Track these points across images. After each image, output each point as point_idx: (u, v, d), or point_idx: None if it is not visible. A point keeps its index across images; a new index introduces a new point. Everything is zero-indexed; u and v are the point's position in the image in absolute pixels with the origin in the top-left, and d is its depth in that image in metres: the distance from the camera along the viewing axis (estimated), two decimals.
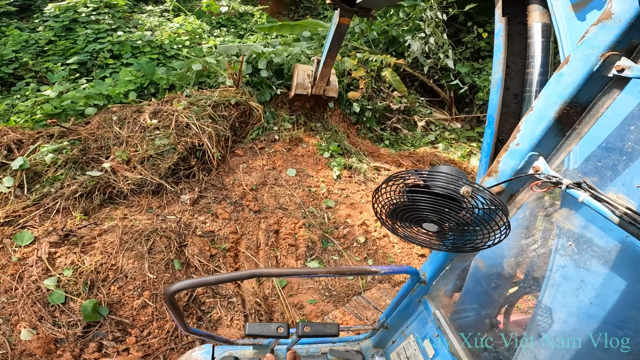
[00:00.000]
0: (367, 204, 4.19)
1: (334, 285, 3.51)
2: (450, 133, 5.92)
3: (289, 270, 1.08)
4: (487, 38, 6.12)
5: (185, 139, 3.83)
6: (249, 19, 9.92)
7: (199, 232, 3.59)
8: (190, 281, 0.99)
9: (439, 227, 0.99)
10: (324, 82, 4.53)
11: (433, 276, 1.33)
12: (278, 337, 1.19)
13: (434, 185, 0.93)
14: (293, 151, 4.71)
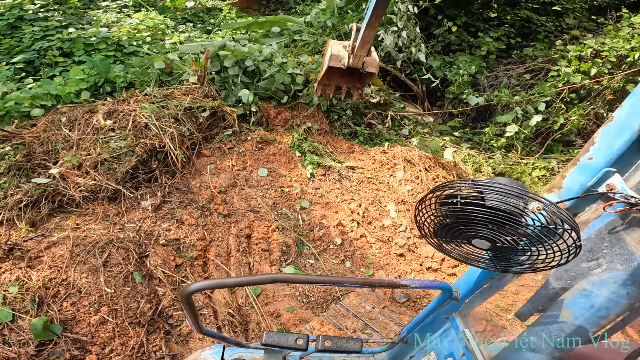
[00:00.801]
0: (343, 203, 4.00)
1: (312, 291, 3.32)
2: (423, 127, 5.82)
3: (313, 277, 1.02)
4: (457, 32, 6.07)
5: (145, 140, 3.52)
6: (217, 14, 9.57)
7: (162, 240, 3.31)
8: (208, 282, 0.99)
9: (492, 245, 0.91)
10: (364, 50, 3.75)
11: (467, 294, 1.27)
12: (296, 349, 1.14)
13: (491, 199, 0.85)
14: (264, 150, 4.47)
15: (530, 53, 5.80)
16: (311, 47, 6.53)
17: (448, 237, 0.97)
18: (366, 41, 3.64)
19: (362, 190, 4.16)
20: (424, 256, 3.63)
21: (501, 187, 0.84)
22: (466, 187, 0.89)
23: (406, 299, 3.27)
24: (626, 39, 4.96)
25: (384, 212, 3.95)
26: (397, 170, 4.21)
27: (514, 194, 0.83)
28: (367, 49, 3.77)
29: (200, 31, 8.00)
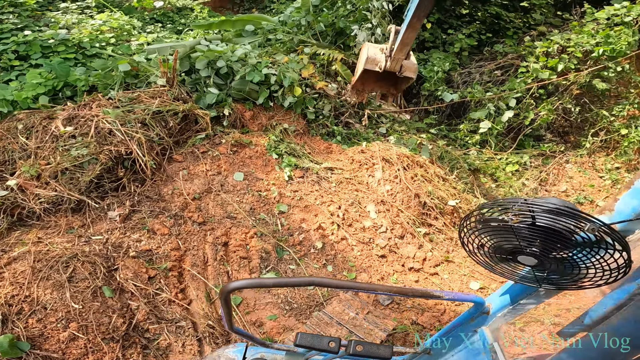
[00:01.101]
0: (322, 205, 3.91)
1: (294, 297, 3.23)
2: (400, 125, 5.81)
3: (349, 282, 1.03)
4: (431, 29, 6.09)
5: (109, 147, 3.32)
6: (188, 14, 9.28)
7: (132, 252, 3.14)
8: (248, 281, 0.99)
9: (538, 262, 0.94)
10: (403, 53, 3.55)
11: (500, 308, 1.27)
12: (328, 351, 1.15)
13: (542, 218, 0.88)
14: (240, 153, 4.32)
15: (500, 49, 5.89)
16: (286, 46, 6.42)
17: (492, 253, 1.00)
18: (406, 43, 3.46)
19: (342, 192, 4.09)
20: (406, 256, 3.60)
21: (554, 207, 0.87)
22: (518, 205, 0.91)
23: (390, 301, 3.22)
24: (591, 34, 5.10)
25: (364, 213, 3.89)
26: (375, 170, 4.16)
27: (567, 214, 0.85)
28: (406, 52, 3.58)
29: (170, 31, 7.72)
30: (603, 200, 4.93)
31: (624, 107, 5.19)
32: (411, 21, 3.21)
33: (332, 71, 6.01)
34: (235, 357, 1.46)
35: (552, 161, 5.31)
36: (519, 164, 5.18)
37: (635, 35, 4.84)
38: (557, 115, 5.38)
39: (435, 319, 3.07)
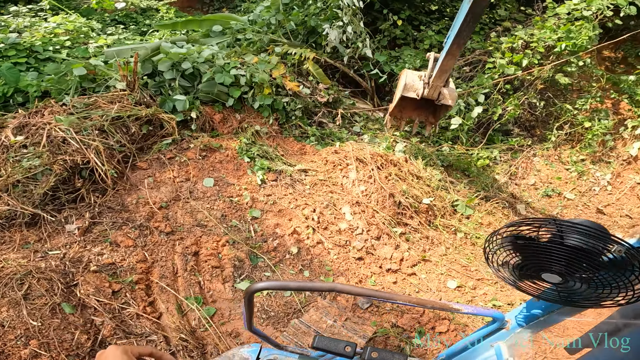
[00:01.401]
0: (296, 209, 3.82)
1: (271, 305, 3.12)
2: (374, 123, 5.79)
3: (370, 290, 1.05)
4: (402, 26, 6.10)
5: (64, 157, 3.10)
6: (154, 15, 8.95)
7: (93, 266, 2.96)
8: (271, 283, 1.03)
9: (562, 279, 0.97)
10: (441, 80, 3.41)
11: (520, 325, 1.27)
12: (343, 355, 1.18)
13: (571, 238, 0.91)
14: (209, 158, 4.16)
15: (468, 46, 5.96)
16: (256, 46, 6.27)
17: (516, 270, 1.03)
18: (444, 70, 3.36)
19: (316, 194, 4.01)
20: (383, 258, 3.56)
21: (583, 228, 0.89)
22: (547, 225, 0.93)
23: (369, 305, 3.17)
24: (552, 29, 5.23)
25: (339, 215, 3.82)
26: (349, 171, 4.10)
27: (596, 235, 0.88)
28: (445, 79, 3.48)
29: (133, 33, 7.39)
30: (570, 192, 5.07)
31: (587, 100, 5.37)
32: (451, 48, 3.12)
33: (304, 70, 5.92)
34: (249, 357, 1.47)
35: (521, 155, 5.42)
36: (490, 158, 5.26)
37: (595, 29, 4.99)
38: (523, 110, 5.50)
39: (414, 321, 3.04)
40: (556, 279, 0.97)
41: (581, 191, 5.09)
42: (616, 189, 5.03)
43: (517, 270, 1.04)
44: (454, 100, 3.59)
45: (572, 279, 0.95)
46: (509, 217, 4.51)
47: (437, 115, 4.02)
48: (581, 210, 4.90)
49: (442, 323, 3.01)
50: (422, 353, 2.84)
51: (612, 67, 5.67)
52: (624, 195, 4.96)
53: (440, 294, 3.37)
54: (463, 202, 4.37)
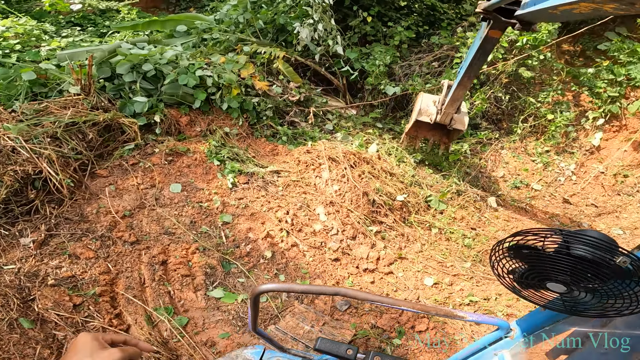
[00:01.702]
0: (269, 211, 3.71)
1: (246, 312, 3.01)
2: (347, 121, 5.76)
3: (374, 296, 1.06)
4: (372, 22, 6.09)
5: (14, 167, 2.86)
6: (114, 16, 8.55)
7: (50, 280, 2.79)
8: (277, 285, 1.04)
9: (567, 289, 0.98)
10: (453, 108, 3.76)
11: (525, 334, 1.27)
12: (345, 358, 1.19)
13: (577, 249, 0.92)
14: (176, 162, 3.98)
15: (436, 41, 6.03)
16: (224, 46, 6.09)
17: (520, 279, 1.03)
18: (456, 99, 3.64)
19: (289, 195, 3.92)
20: (359, 258, 3.51)
21: (589, 239, 0.90)
22: (553, 235, 0.94)
23: (347, 306, 3.11)
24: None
25: (313, 216, 3.75)
26: (322, 171, 4.03)
27: (603, 247, 0.88)
28: (457, 106, 3.77)
29: (91, 35, 7.02)
30: (537, 183, 5.22)
31: (549, 93, 5.54)
32: (462, 80, 3.35)
33: (274, 70, 5.80)
34: (252, 358, 1.48)
35: (489, 148, 5.53)
36: (460, 152, 5.34)
37: (555, 23, 5.15)
38: (489, 103, 5.62)
39: (394, 321, 3.01)
40: (561, 289, 0.98)
41: (547, 182, 5.24)
42: (580, 179, 5.22)
43: (521, 279, 1.05)
44: (464, 125, 3.92)
45: (577, 288, 0.96)
46: (480, 210, 4.58)
47: (450, 137, 4.39)
48: (548, 200, 5.04)
49: (421, 322, 3.00)
50: (403, 353, 2.81)
51: (572, 61, 5.88)
52: (589, 185, 5.15)
53: (418, 292, 3.36)
54: (436, 197, 4.40)
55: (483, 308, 3.27)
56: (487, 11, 2.64)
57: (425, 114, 3.99)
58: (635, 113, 5.09)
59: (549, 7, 1.92)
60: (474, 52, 3.05)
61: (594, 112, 5.32)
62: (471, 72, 3.21)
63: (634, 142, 5.10)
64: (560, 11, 1.87)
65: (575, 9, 1.74)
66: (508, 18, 2.58)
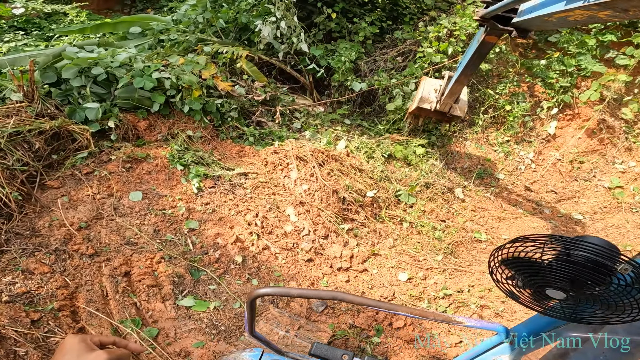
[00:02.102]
0: (238, 215, 3.59)
1: (220, 319, 2.91)
2: (314, 118, 5.71)
3: (372, 301, 1.08)
4: (337, 18, 6.07)
5: None
6: (61, 19, 8.05)
7: (4, 297, 2.57)
8: (273, 288, 1.04)
9: (566, 296, 0.98)
10: (452, 99, 4.07)
11: (524, 339, 1.27)
12: None
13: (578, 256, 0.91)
14: (135, 169, 3.77)
15: (400, 36, 6.09)
16: (183, 47, 5.87)
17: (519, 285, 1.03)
18: (454, 93, 3.95)
19: (258, 198, 3.81)
20: (333, 257, 3.47)
21: (590, 246, 0.89)
22: (553, 242, 0.93)
23: (324, 307, 3.06)
24: (471, 17, 5.51)
25: (284, 217, 3.66)
26: (290, 170, 3.96)
27: (604, 255, 0.87)
28: (455, 98, 4.09)
29: (36, 39, 6.56)
30: (500, 172, 5.39)
31: (505, 85, 5.74)
32: (459, 77, 3.59)
33: (237, 69, 5.66)
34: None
35: (454, 140, 5.67)
36: (428, 145, 5.43)
37: None
38: None
39: (371, 319, 2.99)
40: (560, 296, 0.97)
41: (509, 170, 5.43)
42: (539, 166, 5.45)
43: (521, 286, 1.05)
44: (463, 111, 4.26)
45: (577, 295, 0.95)
46: (448, 202, 4.67)
47: (449, 121, 4.74)
48: (511, 189, 5.23)
49: (398, 319, 2.99)
50: (383, 351, 2.79)
51: (525, 53, 6.12)
52: (547, 172, 5.38)
53: (393, 288, 3.36)
54: (405, 191, 4.44)
55: (457, 301, 3.32)
56: (485, 18, 2.69)
57: (426, 102, 4.29)
58: (586, 102, 5.38)
59: (545, 14, 1.95)
60: (471, 55, 3.18)
61: (548, 102, 5.57)
62: (467, 71, 3.41)
63: (587, 130, 5.39)
64: (555, 19, 1.91)
65: (570, 17, 1.77)
66: (505, 25, 2.62)
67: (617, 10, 1.45)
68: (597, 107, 5.33)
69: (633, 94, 5.37)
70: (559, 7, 1.79)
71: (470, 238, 4.22)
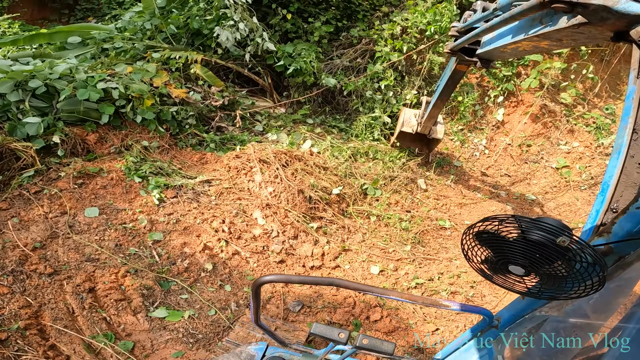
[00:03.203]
0: (204, 223, 3.50)
1: (197, 327, 2.87)
2: (276, 120, 5.68)
3: (365, 286, 1.14)
4: (292, 19, 6.07)
5: None
6: None
7: None
8: (277, 276, 1.11)
9: (525, 272, 1.04)
10: (431, 122, 4.39)
11: (508, 322, 1.34)
12: (337, 342, 1.25)
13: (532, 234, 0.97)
14: (89, 185, 3.57)
15: (355, 34, 6.18)
16: (129, 55, 5.62)
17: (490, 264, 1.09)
18: (432, 117, 4.26)
19: (223, 204, 3.73)
20: (304, 256, 3.47)
21: (543, 225, 0.95)
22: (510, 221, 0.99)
23: (300, 307, 3.05)
24: (422, 13, 5.71)
25: (251, 221, 3.61)
26: (254, 174, 3.91)
27: (554, 232, 0.93)
28: (433, 122, 4.45)
29: None
30: (457, 160, 5.64)
31: None
32: (436, 102, 3.91)
33: (192, 75, 5.50)
34: (255, 354, 1.55)
35: None
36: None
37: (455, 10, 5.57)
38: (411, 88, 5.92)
39: (348, 314, 3.02)
40: (520, 271, 1.04)
41: (466, 157, 5.70)
42: (492, 152, 5.77)
43: (490, 265, 1.11)
44: (442, 133, 4.73)
45: (534, 271, 1.02)
46: (412, 192, 4.82)
47: (430, 147, 5.14)
48: (469, 175, 5.49)
49: (374, 311, 3.05)
50: None
51: None
52: (500, 157, 5.71)
53: (367, 282, 3.41)
54: (370, 185, 4.53)
55: (429, 289, 3.43)
56: (453, 51, 2.95)
57: (407, 125, 4.71)
58: (527, 89, 5.76)
59: (500, 46, 2.23)
60: (445, 81, 3.53)
61: (494, 90, 5.91)
62: (443, 96, 3.78)
63: (531, 115, 5.77)
64: (509, 49, 2.19)
65: (520, 47, 2.03)
66: (471, 56, 2.91)
67: (553, 39, 1.64)
68: (538, 94, 5.73)
69: (570, 80, 5.82)
70: (508, 40, 2.07)
71: (435, 226, 4.37)
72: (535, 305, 1.27)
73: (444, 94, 3.71)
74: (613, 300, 1.22)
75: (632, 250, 1.07)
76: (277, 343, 1.45)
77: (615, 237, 1.06)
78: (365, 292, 1.17)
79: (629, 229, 1.03)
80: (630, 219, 1.03)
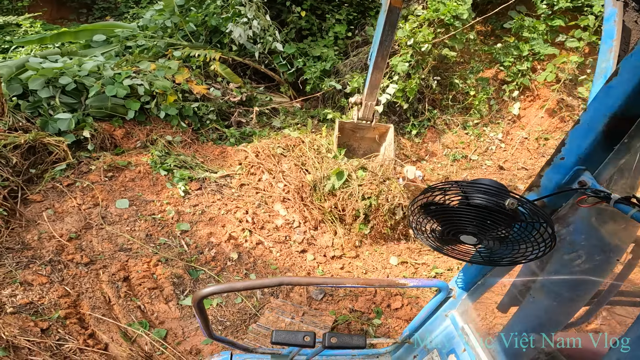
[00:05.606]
0: (228, 214, 3.62)
1: (225, 315, 2.98)
2: (293, 117, 5.77)
3: (318, 278, 1.11)
4: (306, 16, 6.14)
5: None
6: (14, 30, 7.71)
7: (9, 308, 2.56)
8: (218, 286, 1.03)
9: (477, 240, 0.99)
10: (373, 97, 3.57)
11: (463, 291, 1.33)
12: (303, 346, 1.18)
13: (474, 197, 0.92)
14: (118, 177, 3.71)
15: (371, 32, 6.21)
16: (152, 52, 5.77)
17: (440, 235, 1.04)
18: (374, 85, 3.49)
19: (245, 195, 3.85)
20: (325, 246, 3.56)
21: (483, 187, 0.91)
22: (452, 188, 0.95)
23: (323, 295, 3.14)
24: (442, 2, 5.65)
25: (273, 212, 3.72)
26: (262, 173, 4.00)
27: (494, 192, 0.90)
28: (376, 94, 3.63)
29: None
30: (473, 154, 5.67)
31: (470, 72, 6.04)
32: (376, 61, 3.31)
33: (211, 72, 5.63)
34: None
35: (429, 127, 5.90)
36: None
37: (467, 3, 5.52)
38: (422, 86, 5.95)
39: (370, 302, 3.10)
40: (472, 240, 1.01)
41: (481, 152, 5.73)
42: (509, 145, 5.78)
43: (440, 236, 1.06)
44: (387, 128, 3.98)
45: (485, 238, 0.98)
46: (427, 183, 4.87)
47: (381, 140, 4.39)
48: (485, 169, 5.52)
49: (395, 300, 3.12)
50: (385, 332, 2.91)
51: (485, 40, 6.45)
52: (516, 150, 5.71)
53: (387, 271, 3.49)
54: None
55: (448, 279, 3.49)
56: None
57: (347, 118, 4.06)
58: (543, 83, 5.75)
59: None
60: (382, 28, 3.11)
61: (509, 85, 5.90)
62: (383, 49, 3.21)
63: (548, 109, 5.76)
64: None
65: None
66: None
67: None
68: (554, 88, 5.71)
69: (587, 74, 5.79)
70: None
71: None
72: (485, 271, 1.25)
73: (383, 46, 3.13)
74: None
75: (564, 202, 1.05)
76: (241, 350, 1.37)
77: (545, 191, 1.03)
78: (319, 285, 1.13)
79: (558, 181, 1.00)
80: (557, 171, 1.00)
